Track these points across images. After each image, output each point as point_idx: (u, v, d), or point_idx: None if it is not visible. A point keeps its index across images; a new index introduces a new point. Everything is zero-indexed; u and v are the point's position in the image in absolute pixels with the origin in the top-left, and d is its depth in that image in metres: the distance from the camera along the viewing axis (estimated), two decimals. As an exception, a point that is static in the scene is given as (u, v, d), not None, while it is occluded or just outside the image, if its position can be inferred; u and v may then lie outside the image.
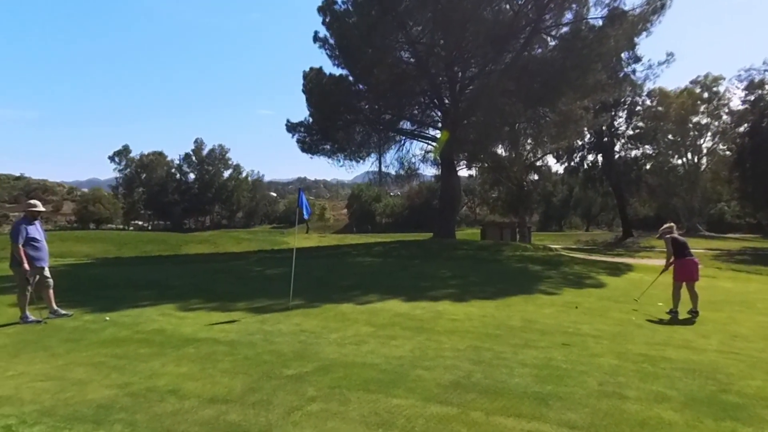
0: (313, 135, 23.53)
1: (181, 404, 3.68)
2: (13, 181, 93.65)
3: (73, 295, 8.32)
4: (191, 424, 3.33)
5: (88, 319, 6.88)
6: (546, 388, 4.04)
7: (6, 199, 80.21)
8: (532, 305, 8.25)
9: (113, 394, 3.90)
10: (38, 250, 6.78)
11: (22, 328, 6.37)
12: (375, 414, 3.49)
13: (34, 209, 6.98)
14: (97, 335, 5.97)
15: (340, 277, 11.55)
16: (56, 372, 4.54)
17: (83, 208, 75.65)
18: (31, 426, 3.29)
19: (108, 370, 4.55)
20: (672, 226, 8.21)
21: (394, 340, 5.66)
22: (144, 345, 5.47)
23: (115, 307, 7.67)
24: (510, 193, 45.12)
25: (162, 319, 6.85)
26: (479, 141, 21.31)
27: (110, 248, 25.65)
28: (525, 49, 20.23)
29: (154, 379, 4.29)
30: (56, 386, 4.12)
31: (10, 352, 5.24)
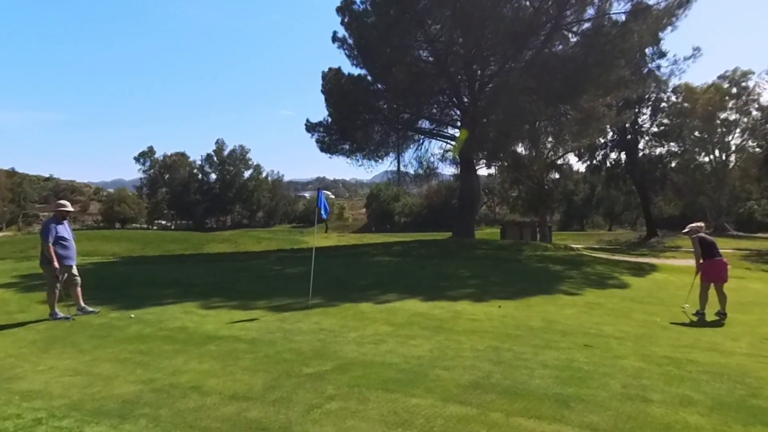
0: (332, 135, 23.64)
1: (203, 400, 3.75)
2: (42, 182, 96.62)
3: (99, 292, 8.54)
4: (213, 420, 3.39)
5: (114, 316, 7.05)
6: (567, 389, 3.98)
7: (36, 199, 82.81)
8: (552, 306, 8.14)
9: (138, 390, 3.99)
10: (67, 249, 6.97)
11: (51, 325, 6.57)
12: (394, 413, 3.49)
13: (63, 209, 7.19)
14: (123, 332, 6.11)
15: (358, 277, 11.58)
16: (84, 367, 4.67)
17: (109, 208, 77.62)
18: (60, 419, 3.39)
19: (133, 366, 4.66)
20: (701, 225, 7.93)
21: (412, 340, 5.65)
22: (167, 342, 5.59)
23: (139, 304, 7.85)
24: (530, 192, 44.58)
25: (185, 317, 6.98)
26: (499, 139, 21.09)
27: (135, 247, 26.24)
28: (545, 46, 19.95)
29: (177, 375, 4.37)
30: (84, 381, 4.24)
31: (40, 348, 5.41)
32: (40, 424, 3.31)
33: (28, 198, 76.99)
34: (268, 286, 10.15)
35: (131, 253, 21.60)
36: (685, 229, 8.05)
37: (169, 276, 11.37)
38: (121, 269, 13.14)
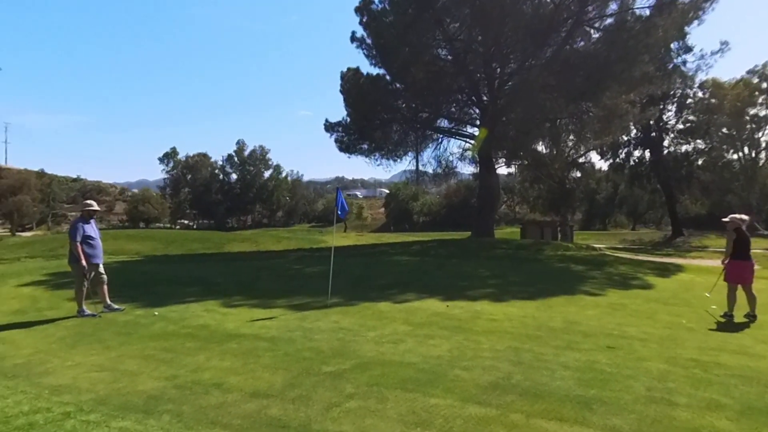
0: (351, 134, 23.73)
1: (224, 397, 3.80)
2: (70, 182, 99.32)
3: (125, 290, 8.75)
4: (234, 417, 3.44)
5: (138, 313, 7.22)
6: (589, 392, 3.91)
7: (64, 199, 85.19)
8: (574, 306, 8.02)
9: (162, 386, 4.07)
10: (94, 248, 7.16)
11: (79, 321, 6.76)
12: (413, 413, 3.49)
13: (90, 208, 7.39)
14: (147, 329, 6.25)
15: (377, 276, 11.59)
16: (110, 363, 4.79)
17: (134, 208, 79.36)
18: (88, 413, 3.49)
19: (157, 363, 4.76)
20: (744, 218, 7.45)
21: (431, 340, 5.63)
22: (190, 339, 5.69)
23: (163, 302, 8.01)
24: (551, 191, 43.92)
25: (206, 315, 7.10)
26: (519, 138, 20.86)
27: (158, 246, 26.79)
28: (566, 43, 19.64)
29: (199, 372, 4.45)
30: (110, 377, 4.35)
31: (69, 344, 5.58)
32: (69, 418, 3.40)
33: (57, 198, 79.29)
34: (288, 285, 10.25)
35: (155, 252, 22.07)
36: (725, 218, 7.61)
37: (191, 274, 11.58)
38: (146, 268, 13.43)
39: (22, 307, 7.81)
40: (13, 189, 59.82)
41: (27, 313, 7.33)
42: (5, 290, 9.09)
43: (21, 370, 4.60)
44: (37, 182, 68.72)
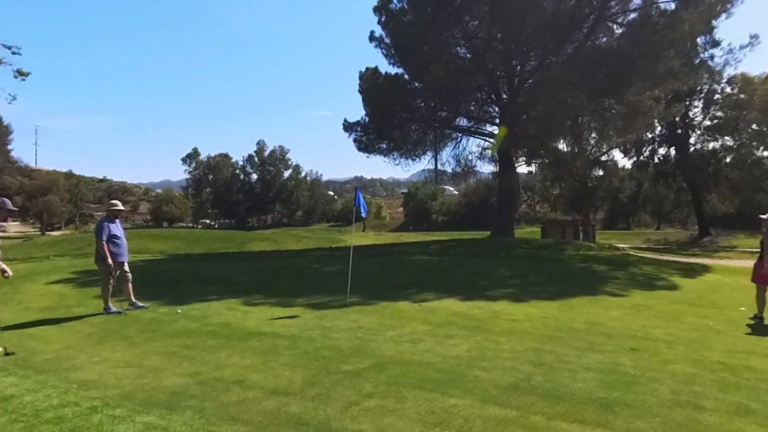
0: (369, 134, 23.76)
1: (245, 394, 3.86)
2: (97, 183, 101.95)
3: (149, 288, 8.93)
4: (255, 413, 3.48)
5: (162, 311, 7.37)
6: (612, 394, 3.84)
7: (91, 199, 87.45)
8: (596, 307, 7.88)
9: (184, 382, 4.15)
10: (119, 247, 7.34)
11: (105, 319, 6.93)
12: (432, 413, 3.48)
13: (115, 208, 7.58)
14: (170, 326, 6.38)
15: (396, 275, 11.59)
16: (135, 359, 4.90)
17: (157, 208, 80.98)
18: (114, 408, 3.58)
19: (180, 360, 4.85)
20: None
21: (450, 339, 5.61)
22: (212, 337, 5.79)
23: (185, 300, 8.16)
24: (572, 190, 43.22)
25: (228, 313, 7.21)
26: (539, 136, 20.58)
27: (181, 245, 27.28)
28: (588, 39, 19.29)
29: (220, 369, 4.52)
30: (135, 372, 4.46)
31: (95, 340, 5.73)
32: (96, 412, 3.50)
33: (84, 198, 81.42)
34: (307, 284, 10.33)
35: (178, 251, 22.49)
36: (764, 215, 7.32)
37: (213, 273, 11.76)
38: (169, 266, 13.69)
39: (51, 304, 8.05)
40: (43, 190, 61.71)
41: (56, 310, 7.55)
42: (35, 288, 9.39)
43: (50, 365, 4.74)
44: (66, 183, 70.69)
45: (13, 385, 4.12)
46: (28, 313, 7.20)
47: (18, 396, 3.85)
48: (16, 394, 3.88)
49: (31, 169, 73.20)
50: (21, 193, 58.34)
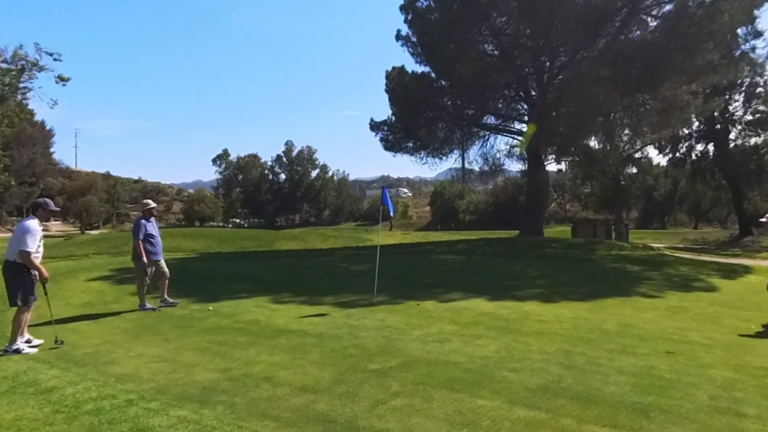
0: (396, 133, 23.74)
1: (274, 391, 3.92)
2: (132, 183, 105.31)
3: (182, 286, 9.18)
4: (283, 410, 3.54)
5: (194, 308, 7.57)
6: (646, 398, 3.73)
7: (127, 200, 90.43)
8: (629, 308, 7.66)
9: (216, 378, 4.25)
10: (154, 245, 7.57)
11: (141, 315, 7.17)
12: (459, 413, 3.45)
13: (149, 207, 7.83)
14: (202, 323, 6.55)
15: (423, 275, 11.56)
16: (168, 354, 5.05)
17: (189, 208, 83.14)
18: (149, 401, 3.70)
19: (211, 356, 4.97)
20: None
21: (478, 340, 5.55)
22: (242, 334, 5.91)
23: (216, 297, 8.35)
24: (604, 188, 42.08)
25: (257, 311, 7.34)
26: (569, 133, 20.12)
27: (212, 244, 27.91)
28: (621, 33, 18.74)
29: (250, 366, 4.61)
30: (168, 367, 4.59)
31: (131, 335, 5.93)
32: (132, 405, 3.62)
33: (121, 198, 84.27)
34: (335, 283, 10.41)
35: (209, 250, 23.03)
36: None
37: (242, 271, 11.99)
38: (200, 264, 14.03)
39: (90, 300, 8.37)
40: (82, 190, 64.24)
41: (95, 306, 7.85)
42: (75, 284, 9.78)
43: (90, 358, 4.94)
44: (104, 184, 73.36)
45: (56, 377, 4.32)
46: (69, 309, 7.51)
47: (60, 388, 4.02)
48: (58, 386, 4.06)
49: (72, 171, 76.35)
50: (62, 193, 60.93)
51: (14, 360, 4.89)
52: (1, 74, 18.44)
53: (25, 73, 18.86)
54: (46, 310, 5.87)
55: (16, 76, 18.68)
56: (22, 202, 62.78)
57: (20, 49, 18.60)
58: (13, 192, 55.24)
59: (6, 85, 18.59)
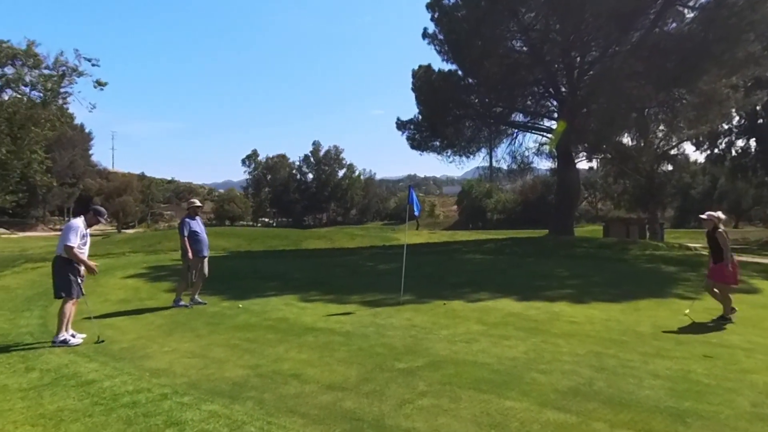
0: (423, 132, 23.65)
1: (302, 388, 3.97)
2: (165, 184, 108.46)
3: (213, 284, 9.39)
4: (311, 407, 3.58)
5: (225, 305, 7.74)
6: (683, 404, 3.60)
7: (161, 200, 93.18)
8: (665, 310, 7.42)
9: (245, 374, 4.34)
10: (199, 242, 7.77)
11: (174, 311, 7.38)
12: (487, 414, 3.42)
13: (195, 205, 8.08)
14: (233, 320, 6.69)
15: (450, 274, 11.48)
16: (200, 350, 5.18)
17: (220, 207, 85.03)
18: (182, 396, 3.80)
19: (241, 352, 5.08)
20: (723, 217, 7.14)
21: (506, 340, 5.48)
22: (270, 331, 6.00)
23: (246, 295, 8.52)
24: (638, 186, 40.79)
25: (285, 309, 7.45)
26: (601, 130, 19.59)
27: (242, 243, 28.43)
28: (656, 25, 18.12)
29: (279, 363, 4.68)
30: (200, 363, 4.71)
31: (165, 331, 6.11)
32: (166, 399, 3.74)
33: (155, 199, 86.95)
34: (361, 282, 10.46)
35: (239, 248, 23.48)
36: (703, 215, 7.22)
37: (271, 270, 12.19)
38: (231, 263, 14.33)
39: (126, 296, 8.67)
40: (119, 191, 66.61)
41: (130, 302, 8.12)
42: (113, 281, 10.14)
43: (126, 353, 5.12)
44: (139, 184, 75.81)
45: (95, 370, 4.49)
46: (106, 305, 7.80)
47: (99, 381, 4.18)
48: (97, 379, 4.23)
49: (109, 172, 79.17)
50: (100, 194, 63.34)
51: (56, 353, 5.11)
52: (44, 80, 19.30)
53: (65, 78, 19.70)
54: (86, 306, 6.12)
55: (57, 81, 19.53)
56: (63, 202, 65.56)
57: (61, 56, 19.45)
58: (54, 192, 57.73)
59: (48, 91, 19.44)
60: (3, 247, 28.16)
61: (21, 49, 18.71)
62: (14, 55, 18.58)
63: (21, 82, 19.02)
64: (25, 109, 19.29)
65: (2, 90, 19.13)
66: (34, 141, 20.04)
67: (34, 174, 21.22)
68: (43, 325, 6.45)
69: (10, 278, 10.39)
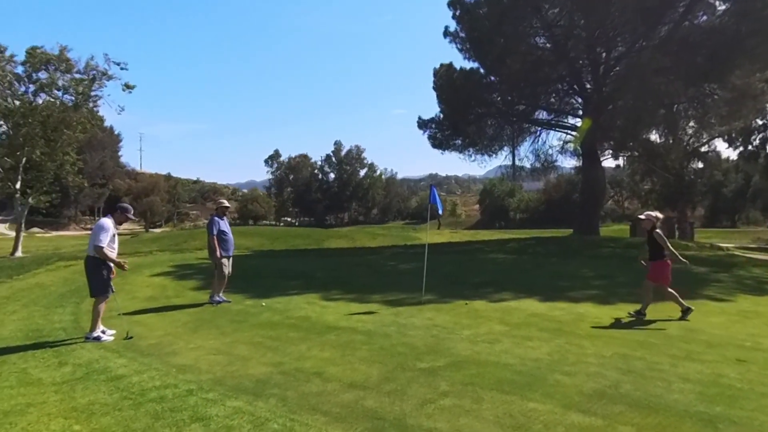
0: (444, 130, 23.52)
1: (324, 386, 4.00)
2: (191, 184, 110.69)
3: (237, 282, 9.55)
4: (333, 405, 3.60)
5: (248, 303, 7.85)
6: (714, 408, 3.49)
7: (186, 199, 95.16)
8: (695, 312, 7.19)
9: (269, 371, 4.40)
10: (226, 242, 7.92)
11: (199, 309, 7.52)
12: (509, 416, 3.38)
13: (223, 206, 8.23)
14: (256, 318, 6.78)
15: (472, 274, 11.40)
16: (225, 347, 5.27)
17: (243, 207, 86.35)
18: (207, 392, 3.88)
19: (264, 350, 5.15)
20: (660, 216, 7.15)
21: (529, 341, 5.41)
22: (293, 329, 6.07)
23: (269, 294, 8.62)
24: (666, 185, 39.67)
25: (308, 307, 7.52)
26: (628, 127, 19.14)
27: (265, 242, 28.81)
28: (685, 19, 17.60)
29: (301, 360, 4.73)
30: (225, 360, 4.80)
31: (191, 328, 6.24)
32: (191, 395, 3.81)
33: (181, 198, 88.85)
34: (383, 281, 10.47)
35: (262, 248, 23.79)
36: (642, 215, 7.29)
37: (294, 269, 12.32)
38: (254, 262, 14.54)
39: (153, 294, 8.88)
40: (146, 191, 68.37)
41: (158, 300, 8.32)
42: (141, 279, 10.40)
43: (153, 349, 5.24)
44: (165, 185, 77.66)
45: (124, 366, 4.62)
46: (135, 302, 8.01)
47: (127, 376, 4.30)
48: (126, 374, 4.35)
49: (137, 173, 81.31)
50: (129, 194, 65.09)
51: (88, 348, 5.27)
52: (75, 84, 19.92)
53: (96, 82, 20.30)
54: (115, 303, 6.29)
55: (88, 85, 20.13)
56: (94, 202, 67.61)
57: (91, 60, 20.05)
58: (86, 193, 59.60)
59: (79, 94, 20.05)
60: (38, 246, 29.22)
61: (54, 55, 19.36)
62: (48, 60, 19.24)
63: (54, 86, 19.68)
64: (58, 112, 19.93)
65: (37, 94, 19.82)
66: (66, 143, 20.69)
67: (67, 175, 21.89)
68: (76, 321, 6.66)
69: (44, 275, 10.78)
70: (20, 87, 19.54)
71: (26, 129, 19.17)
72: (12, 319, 6.87)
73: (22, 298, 8.50)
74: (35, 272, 11.10)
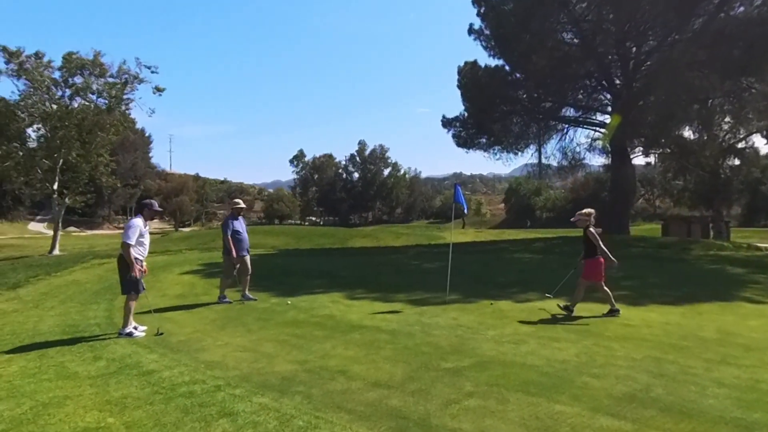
0: (469, 129, 23.33)
1: (348, 384, 4.02)
2: (219, 184, 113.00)
3: (263, 281, 9.70)
4: (357, 403, 3.62)
5: (274, 302, 7.96)
6: (752, 415, 3.36)
7: (214, 199, 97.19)
8: (731, 315, 6.94)
9: (294, 369, 4.45)
10: (240, 242, 8.04)
11: (226, 306, 7.67)
12: (536, 418, 3.33)
13: (238, 206, 8.35)
14: (282, 316, 6.87)
15: (497, 273, 11.27)
16: (251, 345, 5.36)
17: (269, 206, 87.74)
18: (234, 388, 3.95)
19: (290, 348, 5.21)
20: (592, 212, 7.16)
21: (556, 342, 5.32)
22: (318, 328, 6.12)
23: (294, 292, 8.72)
24: (700, 183, 38.30)
25: (332, 306, 7.57)
26: (660, 123, 18.58)
27: (290, 241, 29.16)
28: (720, 10, 16.97)
29: (326, 359, 4.77)
30: (251, 357, 4.88)
31: (219, 326, 6.37)
32: (219, 391, 3.89)
33: (209, 198, 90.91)
34: (407, 280, 10.45)
35: (287, 246, 24.09)
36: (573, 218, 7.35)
37: (318, 268, 12.43)
38: (280, 261, 14.73)
39: (183, 291, 9.10)
40: (176, 191, 70.18)
41: (187, 297, 8.52)
42: (171, 277, 10.68)
43: (183, 345, 5.37)
44: (194, 185, 79.59)
45: (155, 361, 4.75)
46: (165, 300, 8.22)
47: (158, 371, 4.42)
48: (156, 369, 4.47)
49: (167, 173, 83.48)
50: (159, 194, 66.94)
51: (121, 344, 5.44)
52: (109, 87, 20.61)
53: (128, 85, 20.96)
54: (146, 300, 6.48)
55: (120, 88, 20.81)
56: (126, 202, 69.74)
57: (124, 64, 20.71)
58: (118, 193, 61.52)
59: (113, 98, 20.74)
60: (74, 244, 30.34)
61: (88, 60, 20.07)
62: (83, 65, 19.96)
63: (89, 90, 20.41)
64: (93, 115, 20.66)
65: (72, 98, 20.59)
66: (100, 145, 21.44)
67: (101, 176, 22.68)
68: (109, 317, 6.88)
69: (80, 273, 11.18)
70: (57, 91, 20.35)
71: (63, 132, 19.94)
72: (50, 315, 7.15)
73: (60, 294, 8.84)
74: (71, 269, 11.53)
